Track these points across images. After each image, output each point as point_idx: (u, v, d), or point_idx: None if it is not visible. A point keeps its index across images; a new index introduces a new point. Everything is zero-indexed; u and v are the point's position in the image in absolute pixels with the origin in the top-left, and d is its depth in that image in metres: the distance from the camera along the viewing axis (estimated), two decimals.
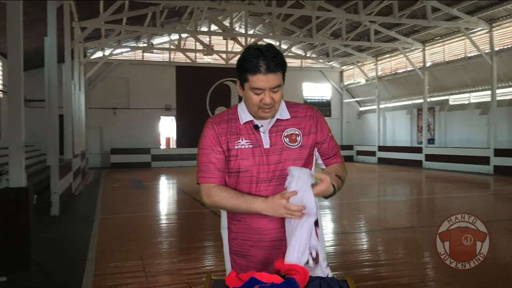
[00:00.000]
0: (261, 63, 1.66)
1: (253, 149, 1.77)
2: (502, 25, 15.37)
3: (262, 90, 1.69)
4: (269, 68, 1.66)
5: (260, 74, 1.66)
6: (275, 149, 1.78)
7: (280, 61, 1.69)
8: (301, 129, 1.82)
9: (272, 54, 1.67)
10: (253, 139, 1.79)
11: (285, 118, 1.82)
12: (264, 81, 1.67)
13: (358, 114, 25.13)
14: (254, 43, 1.65)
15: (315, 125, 1.85)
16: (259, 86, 1.68)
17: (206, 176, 1.80)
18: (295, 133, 1.81)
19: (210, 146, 1.80)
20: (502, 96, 15.97)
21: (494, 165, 15.35)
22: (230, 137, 1.79)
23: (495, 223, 6.84)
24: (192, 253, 5.44)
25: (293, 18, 17.41)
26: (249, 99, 1.74)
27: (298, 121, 1.83)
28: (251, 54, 1.68)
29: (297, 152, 1.80)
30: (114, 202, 10.35)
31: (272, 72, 1.67)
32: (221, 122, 1.82)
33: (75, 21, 14.14)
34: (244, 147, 1.78)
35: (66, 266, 4.90)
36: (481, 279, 4.19)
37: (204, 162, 1.81)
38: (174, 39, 21.11)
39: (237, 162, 1.78)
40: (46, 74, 8.54)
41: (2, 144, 12.29)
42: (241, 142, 1.79)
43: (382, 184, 14.76)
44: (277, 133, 1.79)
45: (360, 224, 7.44)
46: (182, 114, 21.93)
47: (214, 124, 1.82)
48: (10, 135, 5.46)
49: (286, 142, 1.79)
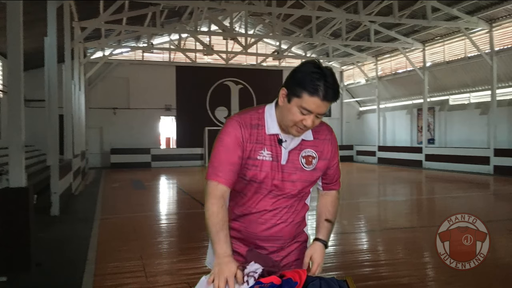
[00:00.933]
0: (322, 87, 1.61)
1: (272, 162, 1.75)
2: (502, 25, 15.36)
3: (310, 113, 1.65)
4: (327, 96, 1.62)
5: (318, 98, 1.61)
6: (290, 167, 1.77)
7: (337, 92, 1.65)
8: (319, 152, 1.82)
9: (334, 82, 1.63)
10: (273, 152, 1.76)
11: (309, 139, 1.81)
12: (317, 105, 1.63)
13: (358, 114, 25.12)
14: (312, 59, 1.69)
15: (331, 151, 1.85)
16: (310, 109, 1.64)
17: (217, 174, 1.72)
18: (311, 156, 1.80)
19: (232, 147, 1.72)
20: (502, 96, 15.97)
21: (494, 165, 15.35)
22: (256, 146, 1.74)
23: (495, 223, 6.84)
24: (192, 253, 5.43)
25: (293, 18, 17.41)
26: (290, 114, 1.67)
27: (317, 143, 1.82)
28: (314, 74, 1.62)
29: (309, 174, 1.81)
30: (114, 202, 10.35)
31: (328, 101, 1.64)
32: (247, 126, 1.74)
33: (75, 21, 14.13)
34: (265, 158, 1.75)
35: (66, 266, 4.90)
36: (481, 279, 4.19)
37: (221, 159, 1.73)
38: (174, 39, 21.11)
39: (256, 173, 1.75)
40: (46, 74, 8.54)
41: (2, 144, 12.29)
42: (264, 153, 1.75)
43: (382, 184, 14.76)
44: (295, 151, 1.78)
45: (360, 224, 7.44)
46: (182, 114, 21.93)
47: (241, 127, 1.73)
48: (10, 135, 5.46)
49: (302, 163, 1.79)
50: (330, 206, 1.94)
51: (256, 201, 1.80)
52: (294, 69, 1.68)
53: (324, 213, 1.94)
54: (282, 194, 1.79)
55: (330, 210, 1.94)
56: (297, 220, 1.88)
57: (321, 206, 1.96)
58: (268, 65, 23.22)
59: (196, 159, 21.59)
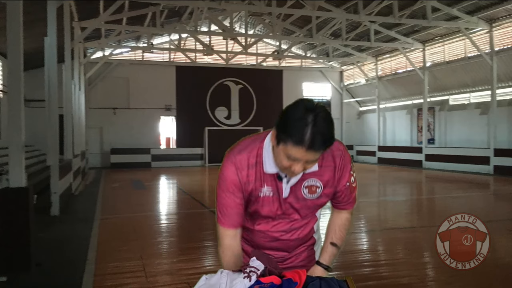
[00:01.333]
0: (307, 135, 1.45)
1: (273, 197, 1.73)
2: (502, 25, 15.37)
3: (297, 160, 1.53)
4: (313, 146, 1.47)
5: (302, 149, 1.47)
6: (292, 198, 1.74)
7: (327, 140, 1.49)
8: (323, 181, 1.73)
9: (324, 128, 1.47)
10: (274, 187, 1.72)
11: (313, 170, 1.69)
12: (303, 155, 1.50)
13: (358, 114, 25.13)
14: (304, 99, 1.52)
15: (336, 178, 1.75)
16: (296, 157, 1.51)
17: (224, 220, 1.74)
18: (315, 185, 1.72)
19: (231, 191, 1.70)
20: (502, 96, 15.97)
21: (494, 165, 15.35)
22: (256, 184, 1.70)
23: (495, 223, 6.84)
24: (192, 253, 5.44)
25: (293, 18, 17.41)
26: (278, 158, 1.58)
27: (321, 172, 1.71)
28: (300, 120, 1.46)
29: (314, 202, 1.77)
30: (114, 202, 10.34)
31: (315, 150, 1.49)
32: (244, 167, 1.68)
33: (75, 21, 14.14)
34: (266, 194, 1.72)
35: (66, 266, 4.90)
36: (481, 279, 4.19)
37: (223, 204, 1.73)
38: (174, 39, 21.10)
39: (257, 207, 1.76)
40: (46, 74, 8.54)
41: (2, 144, 12.28)
42: (264, 189, 1.71)
43: (382, 184, 14.76)
44: (297, 183, 1.71)
45: (360, 224, 7.44)
46: (182, 114, 21.93)
47: (238, 169, 1.68)
48: (10, 135, 5.46)
49: (304, 192, 1.72)
50: (339, 230, 1.89)
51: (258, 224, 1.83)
52: (285, 109, 1.53)
53: (331, 235, 1.88)
54: (286, 218, 1.80)
55: (338, 234, 1.88)
56: (304, 234, 1.86)
57: (330, 226, 1.91)
58: (268, 65, 23.22)
59: (196, 159, 21.59)
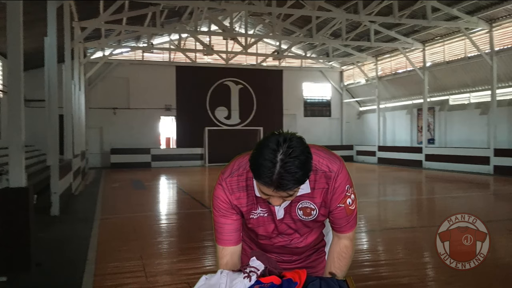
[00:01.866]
0: (275, 176, 1.40)
1: (267, 217, 1.72)
2: (502, 25, 15.36)
3: (270, 195, 1.52)
4: (281, 186, 1.43)
5: (271, 188, 1.45)
6: (288, 219, 1.72)
7: (298, 178, 1.43)
8: (316, 203, 1.69)
9: (293, 166, 1.40)
10: (267, 208, 1.70)
11: (304, 193, 1.65)
12: (273, 193, 1.48)
13: (358, 114, 25.12)
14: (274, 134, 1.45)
15: (330, 199, 1.69)
16: (267, 193, 1.50)
17: (221, 239, 1.74)
18: (310, 207, 1.68)
19: (224, 211, 1.71)
20: (502, 96, 15.96)
21: (494, 165, 15.35)
22: (249, 207, 1.70)
23: (495, 223, 6.84)
24: (192, 253, 5.44)
25: (293, 18, 17.41)
26: (258, 189, 1.57)
27: (314, 194, 1.67)
28: (269, 156, 1.40)
29: (311, 222, 1.74)
30: (114, 202, 10.35)
31: (284, 190, 1.45)
32: (234, 190, 1.67)
33: (75, 21, 14.13)
34: (259, 215, 1.72)
35: (66, 266, 4.90)
36: (481, 279, 4.19)
37: (219, 223, 1.73)
38: (174, 39, 21.10)
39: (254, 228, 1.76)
40: (46, 74, 8.54)
41: (2, 144, 12.28)
42: (257, 211, 1.71)
43: (382, 184, 14.76)
44: (292, 205, 1.68)
45: (360, 224, 7.42)
46: (182, 114, 21.93)
47: (227, 193, 1.68)
48: (10, 135, 5.46)
49: (299, 214, 1.70)
50: (337, 259, 1.77)
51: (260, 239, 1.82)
52: (257, 144, 1.47)
53: (330, 265, 1.78)
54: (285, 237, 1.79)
55: (337, 263, 1.76)
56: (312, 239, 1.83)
57: (330, 254, 1.81)
58: (268, 65, 23.22)
59: (196, 159, 21.58)
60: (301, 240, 1.80)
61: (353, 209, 1.74)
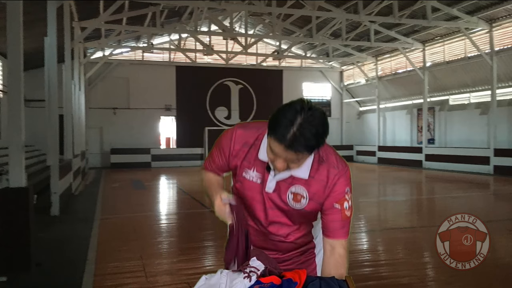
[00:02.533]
0: (289, 135, 1.42)
1: (257, 184, 1.70)
2: (502, 25, 15.36)
3: (278, 156, 1.51)
4: (292, 146, 1.43)
5: (281, 146, 1.45)
6: (276, 198, 1.68)
7: (309, 145, 1.45)
8: (311, 193, 1.65)
9: (309, 132, 1.42)
10: (261, 176, 1.68)
11: (302, 177, 1.64)
12: (282, 151, 1.47)
13: (358, 114, 25.12)
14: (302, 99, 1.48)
15: (326, 196, 1.66)
16: (276, 152, 1.50)
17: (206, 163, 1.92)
18: (301, 194, 1.65)
19: (221, 149, 1.80)
20: (502, 96, 15.97)
21: (494, 165, 15.35)
22: (243, 163, 1.72)
23: (495, 223, 6.84)
24: (192, 253, 5.44)
25: (293, 18, 17.41)
26: (267, 149, 1.57)
27: (311, 182, 1.64)
28: (287, 119, 1.43)
29: (297, 213, 1.69)
30: (114, 202, 10.34)
31: (294, 151, 1.45)
32: (240, 142, 1.71)
33: (75, 21, 14.13)
34: (251, 179, 1.70)
35: (66, 266, 4.90)
36: (481, 279, 4.19)
37: (212, 154, 1.87)
38: (174, 39, 21.10)
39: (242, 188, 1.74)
40: (46, 74, 8.54)
41: (2, 144, 12.28)
42: (250, 172, 1.70)
43: (382, 184, 14.76)
44: (285, 183, 1.65)
45: (360, 224, 7.43)
46: (182, 114, 21.93)
47: (233, 141, 1.73)
48: (10, 135, 5.46)
49: (289, 198, 1.66)
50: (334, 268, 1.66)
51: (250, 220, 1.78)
52: (282, 105, 1.50)
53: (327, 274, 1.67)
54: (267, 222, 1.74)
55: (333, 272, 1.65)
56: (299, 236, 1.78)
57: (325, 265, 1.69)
58: (268, 65, 23.22)
59: (196, 159, 21.57)
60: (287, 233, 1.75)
61: (349, 216, 1.71)
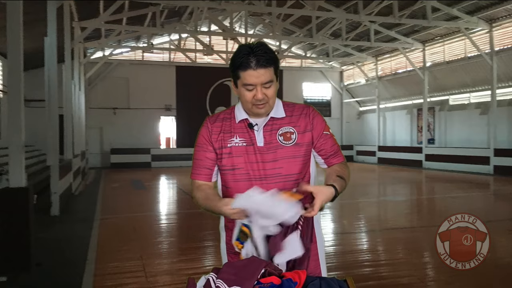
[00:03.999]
0: (251, 59, 1.66)
1: (246, 147, 1.77)
2: (502, 25, 15.37)
3: (253, 86, 1.69)
4: (259, 63, 1.66)
5: (251, 70, 1.66)
6: (269, 147, 1.76)
7: (271, 57, 1.68)
8: (296, 127, 1.80)
9: (263, 50, 1.67)
10: (247, 137, 1.78)
11: (280, 116, 1.81)
12: (254, 76, 1.67)
13: (358, 114, 25.13)
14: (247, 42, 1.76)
15: (310, 123, 1.82)
16: (250, 82, 1.68)
17: (193, 173, 1.86)
18: (289, 131, 1.79)
19: (201, 144, 1.84)
20: (502, 96, 15.97)
21: (494, 165, 15.35)
22: (224, 135, 1.80)
23: (495, 223, 6.84)
24: (192, 253, 5.44)
25: (293, 18, 17.41)
26: (242, 96, 1.74)
27: (293, 120, 1.82)
28: (242, 51, 1.69)
29: (292, 150, 1.77)
30: (114, 202, 10.35)
31: (263, 67, 1.66)
32: (216, 121, 1.85)
33: (75, 21, 14.13)
34: (238, 145, 1.78)
35: (66, 266, 4.90)
36: (481, 279, 4.19)
37: (195, 158, 1.87)
38: (174, 39, 21.11)
39: (231, 160, 1.78)
40: (46, 74, 8.54)
41: (2, 144, 12.28)
42: (235, 140, 1.79)
43: (382, 184, 14.76)
44: (272, 132, 1.78)
45: (360, 224, 7.44)
46: (182, 114, 21.93)
47: (209, 123, 1.85)
48: (10, 135, 5.46)
49: (280, 140, 1.77)
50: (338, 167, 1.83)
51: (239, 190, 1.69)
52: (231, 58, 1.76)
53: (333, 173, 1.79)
54: (269, 175, 1.73)
55: (340, 170, 1.81)
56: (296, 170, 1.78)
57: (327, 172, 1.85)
58: None
59: None
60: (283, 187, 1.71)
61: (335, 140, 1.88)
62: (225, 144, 1.79)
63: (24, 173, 5.29)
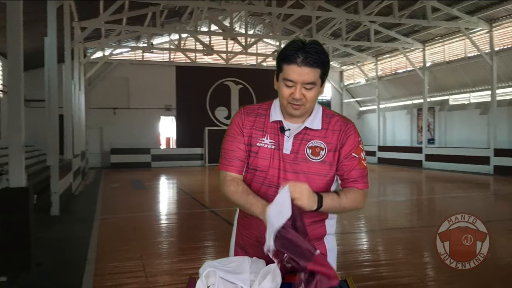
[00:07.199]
0: (299, 54, 1.58)
1: (273, 150, 1.71)
2: (502, 25, 15.37)
3: (293, 83, 1.60)
4: (305, 60, 1.57)
5: (295, 65, 1.58)
6: (295, 158, 1.69)
7: (321, 58, 1.60)
8: (328, 144, 1.70)
9: (314, 49, 1.59)
10: (276, 140, 1.71)
11: (315, 128, 1.71)
12: (297, 73, 1.58)
13: (358, 114, 25.13)
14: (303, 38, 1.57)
15: (340, 142, 1.72)
16: (291, 78, 1.60)
17: (224, 164, 1.77)
18: (319, 146, 1.70)
19: (234, 134, 1.76)
20: (502, 96, 15.97)
21: (494, 165, 15.35)
22: (255, 132, 1.74)
23: (495, 223, 6.84)
24: (192, 253, 5.44)
25: (293, 18, 17.41)
26: (280, 92, 1.66)
27: (328, 134, 1.72)
28: (293, 45, 1.61)
29: (317, 167, 1.69)
30: (114, 202, 10.34)
31: (308, 66, 1.58)
32: (250, 114, 1.77)
33: (75, 21, 14.12)
34: (266, 146, 1.72)
35: (66, 266, 4.90)
36: (481, 279, 4.19)
37: (226, 149, 1.78)
38: (174, 39, 21.11)
39: (256, 160, 1.73)
40: (46, 74, 8.54)
41: (2, 144, 12.28)
42: (265, 140, 1.73)
43: (382, 184, 14.75)
44: (302, 142, 1.70)
45: (360, 224, 7.43)
46: (182, 114, 21.93)
47: (243, 114, 1.77)
48: (10, 135, 5.45)
49: (308, 153, 1.69)
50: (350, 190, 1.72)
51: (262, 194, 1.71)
52: None
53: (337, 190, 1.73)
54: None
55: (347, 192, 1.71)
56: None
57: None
58: (268, 65, 23.18)
59: (196, 159, 21.59)
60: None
61: (366, 167, 1.76)
62: (255, 142, 1.73)
63: (24, 173, 5.29)
